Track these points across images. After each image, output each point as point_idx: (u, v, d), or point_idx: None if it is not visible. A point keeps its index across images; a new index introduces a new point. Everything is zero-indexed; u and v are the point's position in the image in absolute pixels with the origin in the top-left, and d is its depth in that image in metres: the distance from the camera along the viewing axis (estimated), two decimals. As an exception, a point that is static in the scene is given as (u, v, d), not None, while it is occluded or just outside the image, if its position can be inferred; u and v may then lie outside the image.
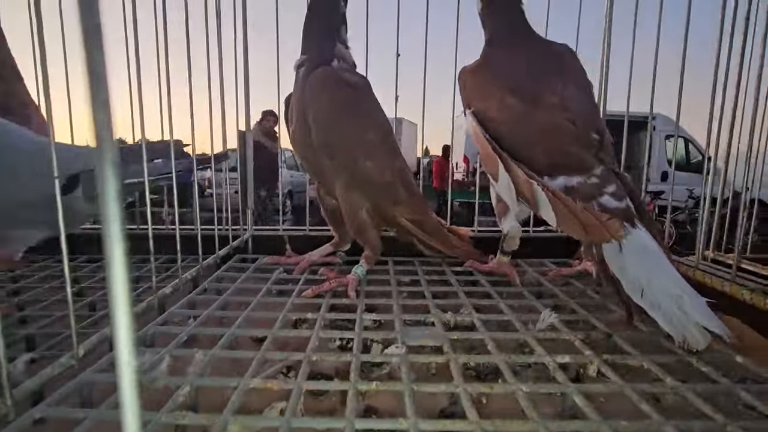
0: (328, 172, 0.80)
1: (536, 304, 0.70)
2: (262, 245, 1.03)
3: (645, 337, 0.58)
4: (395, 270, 0.90)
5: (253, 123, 1.15)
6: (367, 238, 0.82)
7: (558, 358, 0.52)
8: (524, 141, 0.70)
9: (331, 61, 0.80)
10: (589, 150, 0.69)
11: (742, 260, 1.01)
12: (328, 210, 0.90)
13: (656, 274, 0.57)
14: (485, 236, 1.03)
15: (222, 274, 0.85)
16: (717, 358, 0.52)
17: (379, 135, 0.80)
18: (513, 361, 0.52)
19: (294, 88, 0.84)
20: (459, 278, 0.85)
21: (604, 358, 0.51)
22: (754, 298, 0.60)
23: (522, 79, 0.73)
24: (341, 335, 0.59)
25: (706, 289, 0.69)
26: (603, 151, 0.70)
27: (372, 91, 0.82)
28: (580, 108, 0.71)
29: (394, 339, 0.57)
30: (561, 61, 0.76)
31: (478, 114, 0.75)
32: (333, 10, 0.81)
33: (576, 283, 0.82)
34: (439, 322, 0.63)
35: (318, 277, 0.84)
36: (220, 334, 0.57)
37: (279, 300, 0.71)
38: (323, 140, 0.76)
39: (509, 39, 0.78)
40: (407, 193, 0.83)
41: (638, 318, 0.60)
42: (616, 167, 0.70)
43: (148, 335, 0.57)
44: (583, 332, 0.59)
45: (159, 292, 0.62)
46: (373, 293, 0.76)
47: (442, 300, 0.73)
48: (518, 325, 0.62)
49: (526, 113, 0.70)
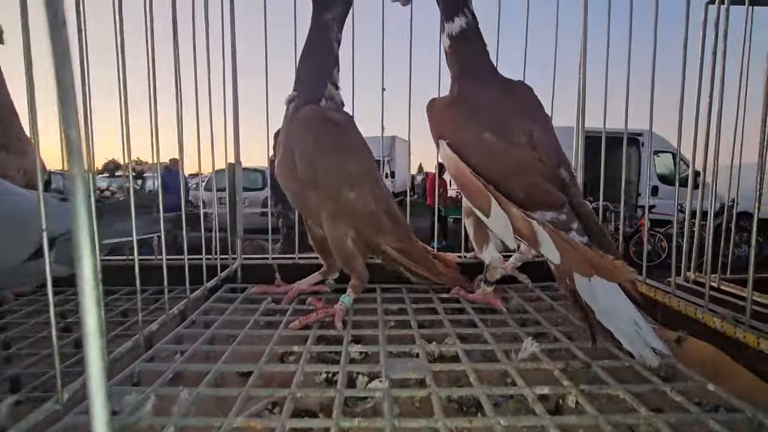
0: (313, 203, 0.82)
1: (519, 332, 0.71)
2: (251, 274, 1.04)
3: (621, 365, 0.60)
4: (383, 298, 0.92)
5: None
6: (353, 266, 0.83)
7: (537, 389, 0.53)
8: (502, 177, 0.73)
9: (319, 101, 0.83)
10: (559, 186, 0.73)
11: (721, 282, 1.04)
12: (316, 239, 0.91)
13: (617, 302, 0.62)
14: (472, 262, 1.05)
15: (210, 306, 0.85)
16: (690, 387, 0.54)
17: (361, 168, 0.82)
18: (493, 393, 0.53)
19: (282, 123, 0.87)
20: (445, 306, 0.86)
21: (581, 389, 0.53)
22: (725, 327, 0.62)
23: (495, 116, 0.77)
24: (327, 369, 0.60)
25: (681, 317, 0.72)
26: (573, 186, 0.75)
27: (356, 127, 0.86)
28: (546, 146, 0.76)
29: (379, 372, 0.58)
30: (524, 98, 0.82)
31: (453, 147, 0.77)
32: (327, 53, 0.85)
33: (559, 309, 0.83)
34: (424, 353, 0.64)
35: (306, 307, 0.85)
36: (206, 370, 0.57)
37: (266, 332, 0.72)
38: (308, 174, 0.79)
39: (477, 76, 0.82)
40: (391, 221, 0.85)
41: (605, 340, 0.64)
42: (581, 198, 0.75)
43: (135, 373, 0.58)
44: (563, 361, 0.60)
45: (145, 330, 0.63)
46: (360, 323, 0.77)
47: (427, 329, 0.74)
48: (500, 355, 0.63)
49: (503, 150, 0.74)
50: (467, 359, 0.62)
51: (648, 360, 0.59)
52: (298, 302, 0.89)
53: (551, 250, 0.64)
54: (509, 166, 0.74)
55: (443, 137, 0.79)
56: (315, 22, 0.85)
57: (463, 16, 0.82)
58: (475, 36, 0.83)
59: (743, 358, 0.60)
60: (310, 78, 0.85)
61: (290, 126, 0.81)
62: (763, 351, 0.56)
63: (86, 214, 0.20)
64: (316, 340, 0.71)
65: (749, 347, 0.58)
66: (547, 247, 0.65)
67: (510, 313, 0.81)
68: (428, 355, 0.64)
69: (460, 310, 0.85)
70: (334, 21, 0.85)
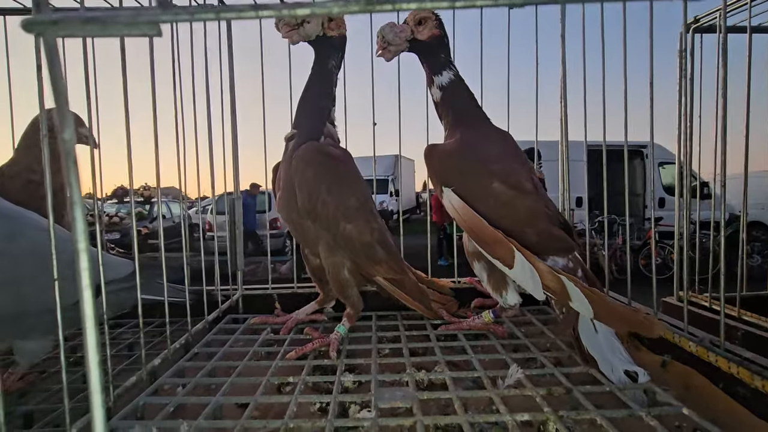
0: (312, 234, 0.87)
1: (507, 359, 0.74)
2: (253, 304, 1.07)
3: (602, 390, 0.62)
4: (378, 326, 0.95)
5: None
6: (348, 295, 0.87)
7: (518, 416, 0.56)
8: (513, 224, 0.76)
9: (318, 139, 0.88)
10: (567, 232, 0.78)
11: (713, 302, 1.05)
12: (313, 269, 0.95)
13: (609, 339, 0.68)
14: (466, 287, 1.08)
15: (212, 338, 0.89)
16: (665, 411, 0.56)
17: (358, 201, 0.86)
18: (476, 420, 0.56)
19: (283, 158, 0.92)
20: (438, 333, 0.89)
21: (560, 415, 0.55)
22: (699, 351, 0.65)
23: (500, 164, 0.82)
24: (320, 399, 0.63)
25: (663, 341, 0.74)
26: (573, 232, 0.80)
27: (353, 162, 0.91)
28: (545, 193, 0.81)
29: (369, 401, 0.61)
30: (515, 146, 0.87)
31: (460, 194, 0.81)
32: (327, 96, 0.91)
33: (549, 334, 0.86)
34: (413, 382, 0.66)
35: (303, 337, 0.88)
36: (206, 402, 0.61)
37: (264, 363, 0.75)
38: (308, 206, 0.83)
39: (471, 124, 0.87)
40: (386, 252, 0.88)
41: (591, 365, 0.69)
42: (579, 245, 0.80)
43: (139, 406, 0.61)
44: (545, 388, 0.63)
45: (148, 365, 0.67)
46: (354, 352, 0.81)
47: (419, 357, 0.77)
48: (487, 382, 0.66)
49: (512, 198, 0.78)
50: (454, 387, 0.65)
51: (627, 385, 0.62)
52: (297, 332, 0.92)
53: (584, 305, 0.67)
54: (520, 213, 0.78)
55: (447, 184, 0.83)
56: (319, 67, 0.90)
57: (450, 70, 0.88)
58: (462, 86, 0.89)
59: (720, 381, 0.62)
60: (310, 117, 0.90)
61: (291, 161, 0.86)
62: (733, 375, 0.58)
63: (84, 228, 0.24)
64: (312, 370, 0.74)
65: (722, 371, 0.61)
66: (578, 302, 0.67)
67: (499, 339, 0.84)
68: (417, 384, 0.67)
69: (453, 336, 0.87)
70: (335, 68, 0.92)
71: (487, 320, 0.88)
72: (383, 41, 0.86)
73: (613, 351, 0.68)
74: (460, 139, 0.86)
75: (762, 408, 0.56)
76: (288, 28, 0.85)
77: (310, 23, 0.85)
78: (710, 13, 1.01)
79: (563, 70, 1.03)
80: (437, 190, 0.87)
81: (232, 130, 1.08)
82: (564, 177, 1.10)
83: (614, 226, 5.38)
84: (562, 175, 1.11)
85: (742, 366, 0.56)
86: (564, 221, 0.84)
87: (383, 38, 0.85)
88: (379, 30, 0.85)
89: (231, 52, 1.05)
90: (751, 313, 0.93)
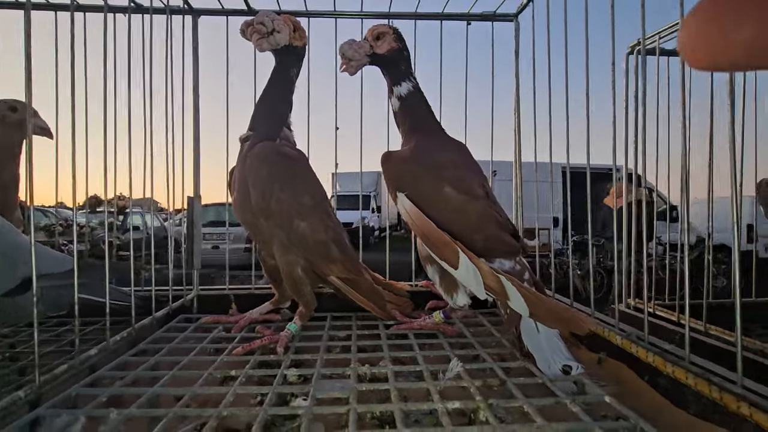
0: (266, 233, 0.88)
1: (451, 355, 0.75)
2: (208, 304, 1.07)
3: (535, 381, 0.65)
4: (331, 325, 0.95)
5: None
6: (301, 293, 0.88)
7: (449, 404, 0.57)
8: (463, 228, 0.79)
9: (274, 140, 0.90)
10: (514, 237, 0.81)
11: (657, 308, 1.10)
12: (269, 269, 0.96)
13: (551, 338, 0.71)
14: (423, 290, 1.10)
15: (161, 335, 0.88)
16: (589, 400, 0.59)
17: (312, 199, 0.88)
18: (409, 408, 0.57)
19: (237, 159, 0.93)
20: (388, 332, 0.90)
21: (490, 403, 0.57)
22: (624, 343, 0.68)
23: (452, 170, 0.85)
24: (259, 390, 0.63)
25: (598, 339, 0.77)
26: (520, 238, 0.84)
27: (308, 162, 0.93)
28: (495, 199, 0.85)
29: (308, 392, 0.61)
30: (468, 155, 0.92)
31: (412, 199, 0.83)
32: (285, 100, 0.94)
33: (495, 334, 0.88)
34: (355, 375, 0.67)
35: (255, 335, 0.88)
36: (142, 393, 0.60)
37: (209, 359, 0.75)
38: (261, 204, 0.84)
39: (427, 133, 0.90)
40: (340, 252, 0.90)
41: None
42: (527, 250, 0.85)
43: (71, 396, 0.60)
44: (481, 379, 0.65)
45: (82, 356, 0.66)
46: (303, 349, 0.81)
47: (366, 354, 0.78)
48: (427, 376, 0.67)
49: (464, 203, 0.82)
50: (395, 380, 0.66)
51: (558, 377, 0.65)
52: (249, 330, 0.92)
53: (520, 304, 0.69)
54: (470, 217, 0.81)
55: (402, 190, 0.85)
56: (279, 74, 0.92)
57: (409, 81, 0.92)
58: (421, 97, 0.93)
59: (646, 374, 0.65)
60: (267, 120, 0.92)
61: (245, 161, 0.87)
62: (650, 364, 0.61)
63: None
64: (257, 365, 0.74)
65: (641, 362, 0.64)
66: (516, 301, 0.70)
67: (448, 338, 0.86)
68: (360, 377, 0.68)
69: (404, 336, 0.89)
70: (295, 75, 0.94)
71: (437, 320, 0.90)
72: (344, 57, 0.89)
73: (552, 349, 0.70)
74: (414, 146, 0.89)
75: (678, 395, 0.59)
76: (258, 36, 0.86)
77: (280, 32, 0.87)
78: (652, 36, 1.09)
79: (516, 86, 1.08)
80: (392, 196, 0.89)
81: (194, 131, 1.09)
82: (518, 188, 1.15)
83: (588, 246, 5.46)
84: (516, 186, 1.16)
85: (658, 355, 0.60)
86: (513, 228, 0.87)
87: (343, 55, 0.89)
88: (339, 48, 0.89)
89: (196, 55, 1.06)
90: (694, 320, 0.98)
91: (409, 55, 0.94)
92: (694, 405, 0.57)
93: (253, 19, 0.83)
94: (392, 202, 0.90)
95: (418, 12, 1.06)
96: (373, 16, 1.06)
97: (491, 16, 1.08)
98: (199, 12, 1.04)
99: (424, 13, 1.07)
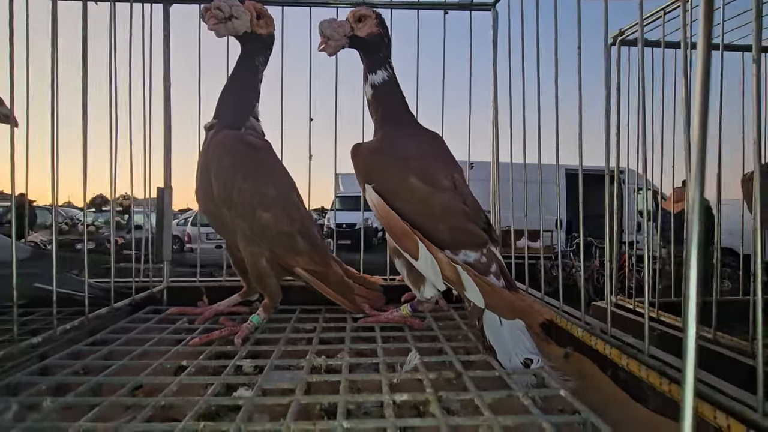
0: (230, 224, 0.86)
1: (412, 347, 0.73)
2: (179, 296, 1.05)
3: (491, 375, 0.62)
4: (299, 318, 0.94)
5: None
6: (265, 285, 0.86)
7: (397, 396, 0.55)
8: (428, 219, 0.78)
9: (239, 129, 0.88)
10: (481, 227, 0.79)
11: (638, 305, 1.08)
12: (236, 261, 0.94)
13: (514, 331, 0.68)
14: (397, 284, 1.08)
15: (123, 326, 0.86)
16: (545, 393, 0.56)
17: (276, 190, 0.86)
18: (355, 400, 0.55)
19: (202, 148, 0.91)
20: (354, 325, 0.88)
21: (439, 395, 0.55)
22: (584, 336, 0.66)
23: (419, 162, 0.83)
24: (206, 380, 0.61)
25: (564, 333, 0.75)
26: (491, 230, 0.82)
27: (273, 152, 0.91)
28: (466, 191, 0.83)
29: (256, 383, 0.60)
30: (441, 146, 0.89)
31: (378, 191, 0.82)
32: (252, 90, 0.92)
33: (463, 327, 0.86)
34: (308, 367, 0.65)
35: (218, 326, 0.86)
36: (85, 381, 0.59)
37: (164, 349, 0.73)
38: (223, 194, 0.82)
39: (398, 124, 0.88)
40: (308, 244, 0.88)
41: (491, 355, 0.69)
42: (498, 242, 0.82)
43: (11, 384, 0.59)
44: (436, 372, 0.63)
45: (24, 343, 0.65)
46: (264, 340, 0.79)
47: (326, 345, 0.76)
48: (383, 368, 0.65)
49: (428, 194, 0.79)
50: (348, 372, 0.64)
51: (517, 370, 0.63)
52: (213, 322, 0.90)
53: (476, 295, 0.69)
54: (435, 208, 0.79)
55: (369, 181, 0.83)
56: (244, 63, 0.91)
57: (385, 70, 0.89)
58: (395, 88, 0.90)
59: (608, 368, 0.63)
60: (233, 108, 0.90)
61: (208, 149, 0.85)
62: (606, 357, 0.59)
63: None
64: (214, 356, 0.72)
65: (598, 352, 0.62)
66: (471, 292, 0.70)
67: (413, 331, 0.84)
68: (314, 368, 0.66)
69: (370, 329, 0.86)
70: (262, 64, 0.92)
71: (405, 313, 0.88)
72: (323, 35, 0.87)
73: (515, 342, 0.68)
74: (382, 138, 0.88)
75: (637, 389, 0.57)
76: (215, 21, 0.84)
77: (238, 19, 0.85)
78: (632, 26, 1.06)
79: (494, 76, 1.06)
80: (361, 188, 0.87)
81: (165, 121, 1.08)
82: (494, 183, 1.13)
83: (591, 248, 5.42)
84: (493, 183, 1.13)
85: (614, 347, 0.57)
86: (486, 219, 0.84)
87: (322, 33, 0.86)
88: (319, 25, 0.86)
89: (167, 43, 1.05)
90: (668, 315, 0.96)
91: (390, 42, 0.91)
92: (652, 399, 0.55)
93: (212, 4, 0.81)
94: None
95: (394, 1, 1.04)
96: (348, 5, 1.04)
97: (468, 5, 1.06)
98: (170, 0, 1.03)
99: (400, 2, 1.05)
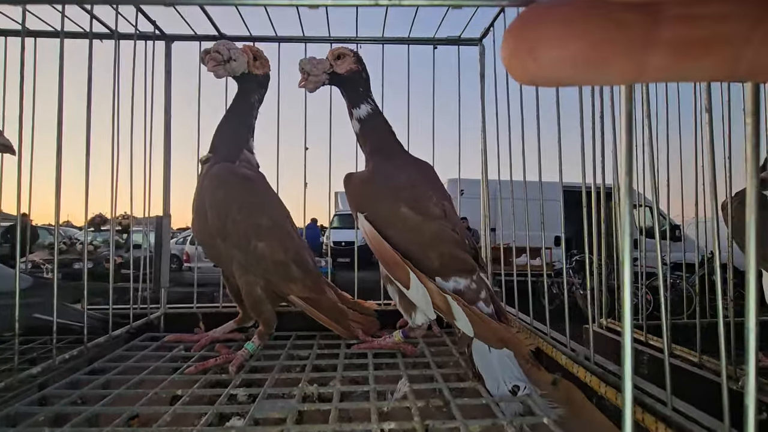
0: (225, 254, 0.88)
1: (404, 375, 0.75)
2: (176, 323, 1.07)
3: (479, 402, 0.64)
4: (293, 344, 0.95)
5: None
6: (260, 312, 0.88)
7: (385, 425, 0.57)
8: (419, 247, 0.80)
9: (234, 162, 0.92)
10: (470, 254, 0.82)
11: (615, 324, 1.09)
12: (232, 289, 0.96)
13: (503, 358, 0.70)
14: (391, 310, 1.09)
15: (121, 353, 0.88)
16: (529, 421, 0.58)
17: (270, 220, 0.89)
18: (343, 429, 0.56)
19: (197, 181, 0.95)
20: (348, 351, 0.89)
21: (426, 424, 0.56)
22: (567, 363, 0.67)
23: (409, 191, 0.86)
24: (200, 410, 0.63)
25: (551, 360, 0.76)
26: (479, 256, 0.85)
27: (267, 183, 0.95)
28: (455, 218, 0.86)
29: (248, 412, 0.61)
30: (431, 174, 0.93)
31: (370, 219, 0.84)
32: (245, 124, 0.96)
33: (455, 354, 0.87)
34: (300, 395, 0.67)
35: (215, 354, 0.88)
36: (82, 411, 0.60)
37: (161, 377, 0.75)
38: (217, 225, 0.85)
39: (388, 153, 0.92)
40: (301, 271, 0.90)
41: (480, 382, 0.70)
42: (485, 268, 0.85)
43: (10, 415, 0.60)
44: (425, 400, 0.64)
45: (24, 373, 0.66)
46: (258, 368, 0.81)
47: (319, 373, 0.78)
48: (373, 396, 0.67)
49: (419, 222, 0.82)
50: (339, 400, 0.65)
51: (504, 398, 0.64)
52: (210, 349, 0.92)
53: (465, 324, 0.71)
54: (426, 236, 0.81)
55: (361, 210, 0.87)
56: (240, 100, 0.95)
57: (367, 103, 0.93)
58: (380, 119, 0.94)
59: (594, 396, 0.64)
60: (227, 142, 0.94)
61: (203, 182, 0.89)
62: (586, 384, 0.60)
63: None
64: (209, 385, 0.73)
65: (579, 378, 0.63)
66: (461, 321, 0.72)
67: (405, 357, 0.85)
68: (305, 397, 0.67)
69: (363, 355, 0.88)
70: (257, 102, 0.97)
71: (397, 339, 0.89)
72: (303, 72, 0.92)
73: (503, 369, 0.70)
74: (373, 168, 0.91)
75: (618, 418, 0.58)
76: (214, 63, 0.89)
77: (236, 61, 0.90)
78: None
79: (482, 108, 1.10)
80: (354, 216, 0.90)
81: (165, 151, 1.12)
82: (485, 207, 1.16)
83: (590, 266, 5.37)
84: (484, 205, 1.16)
85: (595, 375, 0.59)
86: (473, 246, 0.87)
87: (302, 69, 0.91)
88: (299, 62, 0.91)
89: (169, 79, 1.10)
90: (657, 338, 0.97)
91: (368, 78, 0.95)
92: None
93: (211, 48, 0.86)
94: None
95: (386, 36, 1.09)
96: (342, 40, 1.09)
97: (456, 40, 1.11)
98: (171, 38, 1.08)
99: (391, 38, 1.10)
